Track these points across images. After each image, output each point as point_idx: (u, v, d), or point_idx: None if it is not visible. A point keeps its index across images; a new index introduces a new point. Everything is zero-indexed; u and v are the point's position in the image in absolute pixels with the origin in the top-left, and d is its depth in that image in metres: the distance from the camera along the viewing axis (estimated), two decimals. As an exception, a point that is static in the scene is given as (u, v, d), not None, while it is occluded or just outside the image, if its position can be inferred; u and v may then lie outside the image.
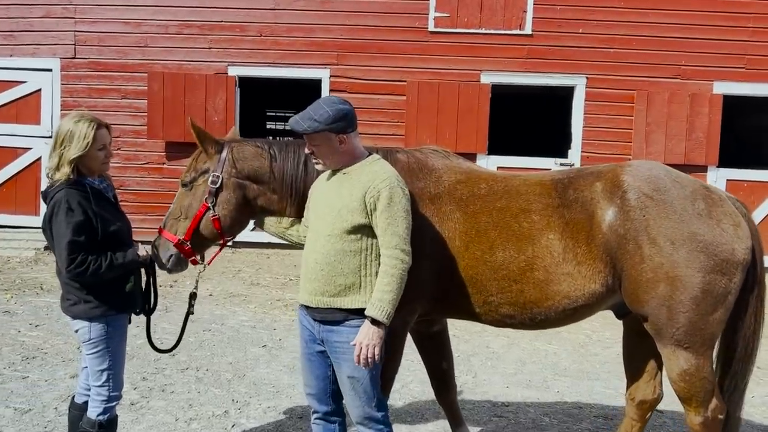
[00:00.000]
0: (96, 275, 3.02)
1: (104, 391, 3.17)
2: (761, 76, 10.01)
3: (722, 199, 2.99)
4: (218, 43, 9.97)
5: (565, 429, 4.43)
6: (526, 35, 9.96)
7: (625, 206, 2.91)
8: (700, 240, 2.82)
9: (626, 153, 10.01)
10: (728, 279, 2.84)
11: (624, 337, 3.50)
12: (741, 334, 3.04)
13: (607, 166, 3.15)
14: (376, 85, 9.94)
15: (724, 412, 3.02)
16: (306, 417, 4.35)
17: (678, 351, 2.90)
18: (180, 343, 3.74)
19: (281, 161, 3.23)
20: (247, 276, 8.63)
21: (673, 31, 9.95)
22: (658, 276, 2.84)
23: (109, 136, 3.19)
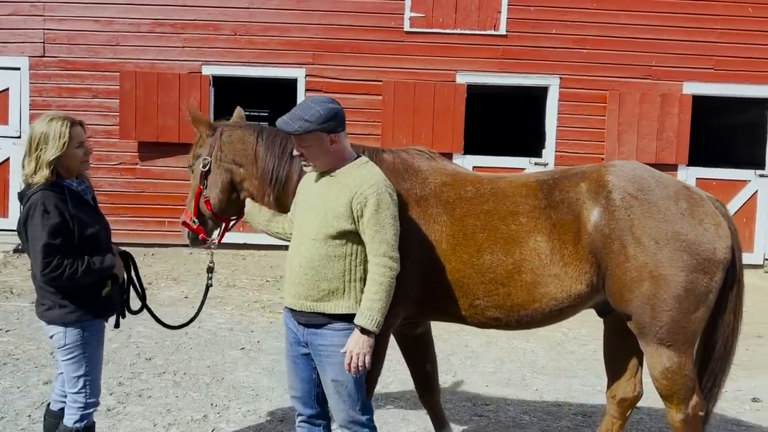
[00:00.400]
0: (72, 279, 2.95)
1: (81, 397, 3.10)
2: (729, 76, 10.23)
3: (703, 199, 3.04)
4: (192, 42, 9.85)
5: (545, 427, 4.47)
6: (500, 36, 10.03)
7: (610, 206, 2.94)
8: (683, 239, 2.86)
9: (599, 152, 10.16)
10: (710, 278, 2.89)
11: (605, 336, 3.53)
12: (720, 333, 3.09)
13: (591, 167, 3.17)
14: (352, 85, 9.92)
15: (704, 409, 3.07)
16: (287, 420, 4.33)
17: (661, 349, 2.94)
18: (197, 317, 3.86)
19: (265, 147, 3.27)
20: (223, 277, 8.53)
21: (643, 32, 10.12)
22: (642, 275, 2.87)
23: (84, 134, 3.12)
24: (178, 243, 9.29)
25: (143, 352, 5.51)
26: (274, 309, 7.19)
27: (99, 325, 3.17)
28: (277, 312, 7.09)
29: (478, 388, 5.16)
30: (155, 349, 5.63)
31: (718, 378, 3.17)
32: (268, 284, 8.35)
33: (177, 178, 9.94)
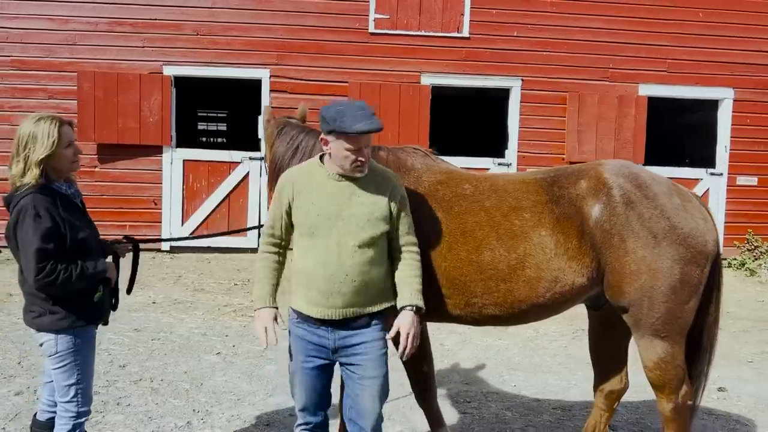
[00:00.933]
0: (66, 285, 2.86)
1: (72, 407, 3.02)
2: (682, 79, 10.62)
3: (690, 195, 3.17)
4: (152, 42, 9.63)
5: (528, 422, 4.55)
6: (463, 38, 10.16)
7: (611, 202, 3.01)
8: (679, 233, 2.97)
9: (560, 152, 10.39)
10: (701, 269, 3.01)
11: (591, 331, 3.62)
12: (705, 322, 3.22)
13: (587, 165, 3.24)
14: (317, 86, 9.88)
15: (693, 398, 3.19)
16: (273, 424, 4.30)
17: (655, 340, 3.04)
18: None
19: (279, 140, 3.46)
20: (190, 282, 8.38)
21: (601, 35, 10.40)
22: (641, 268, 2.96)
23: (73, 134, 3.03)
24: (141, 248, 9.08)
25: (116, 360, 5.37)
26: (246, 313, 7.10)
27: (91, 332, 3.10)
28: (249, 316, 7.01)
29: (457, 386, 5.22)
30: (128, 356, 5.50)
31: (703, 369, 3.30)
32: (237, 287, 8.24)
33: (138, 180, 9.74)
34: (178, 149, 9.89)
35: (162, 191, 9.78)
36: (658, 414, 3.28)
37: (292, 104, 9.82)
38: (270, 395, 4.80)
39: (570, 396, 5.09)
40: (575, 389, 5.26)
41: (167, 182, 9.78)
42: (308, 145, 3.39)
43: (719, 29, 10.54)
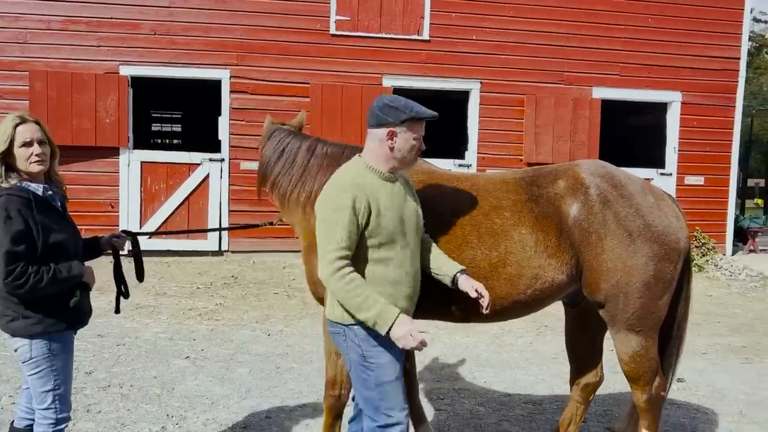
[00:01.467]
0: (36, 289, 2.78)
1: (51, 413, 2.94)
2: (633, 82, 11.00)
3: (663, 194, 3.30)
4: (108, 41, 9.40)
5: (502, 417, 4.65)
6: (424, 41, 10.28)
7: (588, 201, 3.11)
8: (653, 231, 3.09)
9: (518, 154, 10.63)
10: (674, 266, 3.14)
11: (567, 327, 3.73)
12: (675, 317, 3.36)
13: (564, 165, 3.34)
14: (279, 87, 9.83)
15: (665, 389, 3.33)
16: (250, 427, 4.27)
17: (630, 335, 3.16)
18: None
19: (266, 145, 3.58)
20: (151, 286, 8.20)
21: (556, 39, 10.68)
22: (617, 265, 3.07)
23: (35, 132, 2.93)
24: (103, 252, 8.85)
25: (81, 366, 5.23)
26: (211, 316, 7.02)
27: (68, 337, 3.01)
28: (215, 319, 6.93)
29: (430, 384, 5.28)
30: (94, 363, 5.36)
31: (672, 360, 3.44)
32: (200, 291, 8.12)
33: (94, 183, 9.49)
34: (135, 151, 9.68)
35: (119, 194, 9.55)
36: (626, 405, 3.41)
37: (252, 105, 9.77)
38: (244, 398, 4.76)
39: (539, 390, 5.22)
40: (543, 384, 5.39)
41: (124, 185, 9.56)
42: (294, 146, 3.44)
43: (668, 35, 10.97)
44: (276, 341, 6.23)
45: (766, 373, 5.97)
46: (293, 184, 3.44)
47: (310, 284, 3.36)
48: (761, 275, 10.53)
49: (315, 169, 3.43)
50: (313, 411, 4.54)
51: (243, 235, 9.69)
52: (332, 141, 3.61)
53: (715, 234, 11.30)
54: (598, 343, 3.66)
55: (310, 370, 5.41)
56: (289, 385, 5.05)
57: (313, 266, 3.26)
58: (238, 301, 7.74)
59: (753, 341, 7.10)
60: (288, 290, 8.34)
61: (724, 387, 5.47)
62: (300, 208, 3.42)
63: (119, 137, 9.40)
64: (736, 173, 11.65)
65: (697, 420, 4.71)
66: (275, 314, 7.25)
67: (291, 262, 9.55)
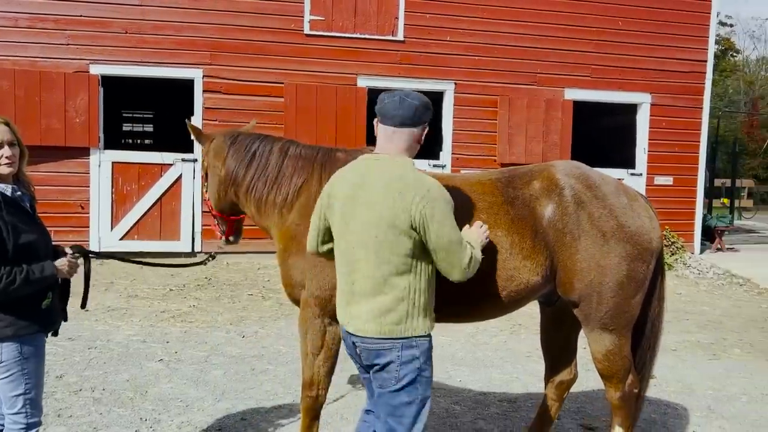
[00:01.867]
0: (8, 290, 2.72)
1: (21, 418, 2.88)
2: (604, 84, 11.17)
3: (636, 194, 3.35)
4: (78, 40, 9.25)
5: (477, 415, 4.68)
6: (398, 41, 10.30)
7: (563, 202, 3.14)
8: (626, 231, 3.14)
9: (492, 155, 10.72)
10: (646, 266, 3.19)
11: (542, 325, 3.77)
12: (648, 316, 3.42)
13: (540, 166, 3.37)
14: (252, 87, 9.77)
15: (638, 387, 3.39)
16: (225, 429, 4.24)
17: (604, 333, 3.20)
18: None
19: (233, 152, 3.53)
20: (122, 288, 8.10)
21: (528, 41, 10.80)
22: (590, 265, 3.10)
23: (5, 134, 2.87)
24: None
25: (52, 370, 5.12)
26: (185, 318, 6.94)
27: (39, 340, 2.96)
28: (188, 321, 6.86)
29: (406, 384, 5.29)
30: (64, 366, 5.27)
31: (648, 360, 3.49)
32: (173, 293, 8.03)
33: (64, 184, 9.33)
34: (106, 151, 9.54)
35: (90, 195, 9.40)
36: (597, 402, 3.46)
37: (225, 105, 9.70)
38: (219, 400, 4.72)
39: (514, 388, 5.27)
40: (518, 382, 5.45)
41: (95, 185, 9.41)
42: (264, 149, 3.47)
43: (638, 37, 11.17)
44: (251, 343, 6.19)
45: (733, 368, 6.11)
46: (269, 187, 3.42)
47: (286, 286, 3.34)
48: (728, 273, 10.78)
49: (290, 171, 3.41)
50: (289, 412, 4.53)
51: (216, 236, 9.58)
52: (302, 143, 3.61)
53: (683, 233, 11.53)
54: (572, 342, 3.71)
55: (286, 371, 5.39)
56: (264, 387, 5.02)
57: (290, 268, 3.25)
58: (211, 302, 7.68)
59: (720, 337, 7.27)
60: (263, 291, 8.29)
61: (693, 382, 5.58)
62: (276, 211, 3.40)
63: (90, 137, 9.25)
64: (703, 173, 11.90)
65: (668, 415, 4.80)
66: (250, 316, 7.20)
67: (266, 263, 9.49)
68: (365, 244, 2.50)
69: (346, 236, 2.58)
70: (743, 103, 39.04)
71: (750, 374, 5.95)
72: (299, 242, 3.18)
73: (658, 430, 4.54)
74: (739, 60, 43.49)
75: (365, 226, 2.50)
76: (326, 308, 3.12)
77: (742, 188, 22.77)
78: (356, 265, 2.53)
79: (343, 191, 2.60)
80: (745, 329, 7.72)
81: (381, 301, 2.48)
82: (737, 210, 17.68)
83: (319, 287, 3.12)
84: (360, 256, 2.52)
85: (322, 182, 3.25)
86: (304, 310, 3.20)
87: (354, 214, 2.54)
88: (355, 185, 2.57)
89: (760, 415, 4.88)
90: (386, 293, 2.48)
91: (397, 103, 2.58)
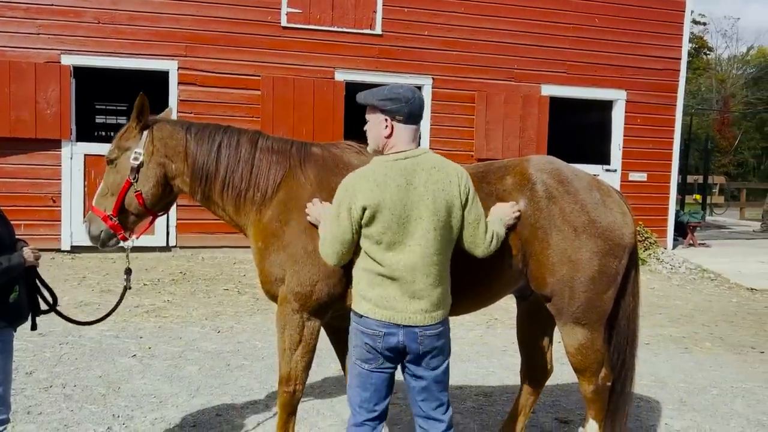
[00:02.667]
0: None
1: (-12, 416, 2.82)
2: (580, 80, 11.26)
3: (610, 190, 3.37)
4: (48, 29, 9.05)
5: (453, 409, 4.64)
6: (376, 35, 10.26)
7: (535, 197, 3.15)
8: (597, 227, 3.15)
9: (469, 150, 10.74)
10: (618, 261, 3.21)
11: (518, 320, 3.78)
12: (622, 312, 3.43)
13: (512, 161, 3.38)
14: (228, 79, 9.66)
15: (611, 380, 3.41)
16: (200, 425, 4.19)
17: (576, 327, 3.22)
18: (108, 317, 3.80)
19: (195, 143, 3.30)
20: (95, 282, 7.96)
21: (506, 36, 10.84)
22: (562, 260, 3.12)
23: None
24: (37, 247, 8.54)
25: (21, 366, 5.03)
26: (159, 313, 6.85)
27: (7, 336, 2.90)
28: (162, 316, 6.77)
29: (382, 378, 5.28)
30: (35, 362, 5.17)
31: (627, 356, 3.50)
32: (146, 288, 7.92)
33: (34, 176, 9.14)
34: (78, 143, 9.36)
35: (61, 188, 9.22)
36: (572, 396, 3.48)
37: (201, 97, 9.58)
38: (193, 396, 4.67)
39: (490, 383, 5.29)
40: (493, 376, 5.48)
41: (67, 178, 9.23)
42: (231, 140, 3.28)
43: (613, 34, 11.27)
44: (226, 338, 6.13)
45: (704, 361, 6.22)
46: (245, 183, 3.24)
47: (265, 284, 3.24)
48: (699, 268, 10.96)
49: (265, 166, 3.24)
50: (264, 408, 4.50)
51: (191, 230, 9.49)
52: (268, 134, 3.43)
53: (656, 229, 11.70)
54: (548, 336, 3.72)
55: (262, 366, 5.35)
56: (239, 382, 4.97)
57: (271, 265, 3.13)
58: (186, 297, 7.59)
59: (691, 331, 7.39)
60: (239, 286, 8.22)
61: (665, 376, 5.67)
62: (255, 209, 3.23)
63: (61, 129, 9.07)
64: (676, 170, 12.07)
65: (641, 408, 4.86)
66: (225, 311, 7.13)
67: (241, 257, 9.41)
68: (427, 241, 2.61)
69: (404, 240, 2.61)
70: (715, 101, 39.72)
71: (720, 367, 6.05)
72: (279, 238, 3.11)
73: (632, 422, 4.59)
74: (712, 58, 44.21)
75: (424, 222, 2.60)
76: (306, 304, 3.08)
77: (714, 185, 23.15)
78: (416, 265, 2.61)
79: (390, 197, 2.58)
80: (716, 323, 7.86)
81: (441, 290, 2.69)
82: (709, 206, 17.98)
83: (300, 283, 3.07)
84: (419, 253, 2.61)
85: (300, 177, 3.19)
86: (282, 305, 3.15)
87: (411, 216, 2.59)
88: (402, 188, 2.59)
89: (730, 407, 4.97)
90: (443, 283, 2.71)
91: (421, 101, 2.73)
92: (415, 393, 2.79)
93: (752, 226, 16.52)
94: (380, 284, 2.64)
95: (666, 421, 4.65)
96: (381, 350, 2.66)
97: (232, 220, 3.39)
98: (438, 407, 2.79)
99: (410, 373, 2.75)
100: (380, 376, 2.72)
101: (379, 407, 2.76)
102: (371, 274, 2.65)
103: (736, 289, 9.93)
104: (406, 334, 2.64)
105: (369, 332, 2.66)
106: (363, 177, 2.64)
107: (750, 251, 12.74)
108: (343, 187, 2.68)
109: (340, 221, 2.64)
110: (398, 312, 2.64)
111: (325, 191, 3.11)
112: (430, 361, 2.72)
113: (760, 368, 6.10)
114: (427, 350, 2.68)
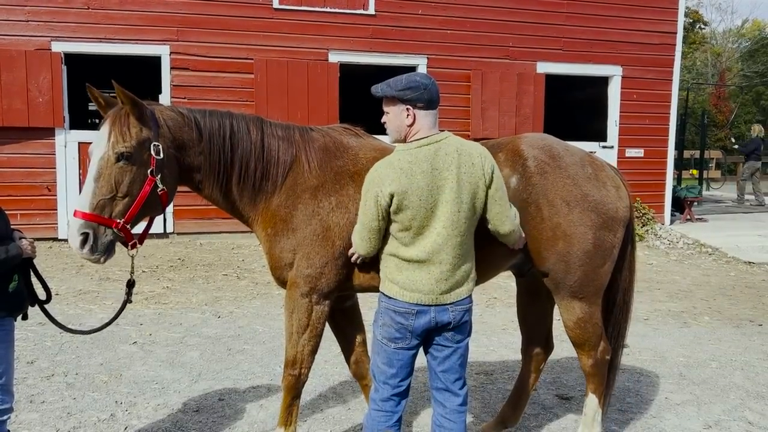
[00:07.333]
0: None
1: (-9, 406, 2.82)
2: (575, 57, 11.19)
3: (603, 165, 3.36)
4: (38, 16, 8.94)
5: (455, 388, 4.71)
6: (370, 15, 10.16)
7: (527, 173, 3.15)
8: (590, 200, 3.15)
9: (465, 129, 10.69)
10: (613, 234, 3.21)
11: (518, 298, 3.79)
12: (619, 285, 3.45)
13: (506, 139, 3.38)
14: (221, 63, 9.58)
15: (610, 353, 3.43)
16: (203, 410, 4.20)
17: (574, 302, 3.23)
18: (105, 328, 3.49)
19: (211, 137, 3.05)
20: (93, 271, 7.95)
21: (501, 14, 10.74)
22: (556, 234, 3.13)
23: None
24: (34, 237, 8.52)
25: (22, 356, 5.03)
26: (159, 300, 6.86)
27: (8, 325, 2.90)
28: (162, 303, 6.77)
29: (383, 359, 5.30)
30: (36, 351, 5.17)
31: (621, 328, 3.54)
32: (146, 275, 7.91)
33: (29, 165, 9.09)
34: (72, 131, 9.30)
35: (56, 176, 9.18)
36: (573, 373, 3.50)
37: (194, 82, 9.50)
38: (195, 381, 4.68)
39: (490, 361, 5.32)
40: (493, 354, 5.50)
41: (61, 167, 9.18)
42: (241, 128, 3.11)
43: (608, 10, 11.18)
44: (227, 323, 6.14)
45: (702, 335, 6.26)
46: (261, 172, 3.09)
47: (275, 269, 3.16)
48: (697, 243, 10.99)
49: (276, 153, 3.12)
50: (267, 391, 4.51)
51: (188, 216, 9.47)
52: (270, 120, 3.28)
53: (654, 204, 11.70)
54: (548, 313, 3.74)
55: (263, 350, 5.36)
56: (241, 367, 4.99)
57: (282, 251, 3.08)
58: (185, 283, 7.59)
59: (690, 306, 7.42)
60: (238, 271, 8.22)
61: (664, 350, 5.70)
62: (266, 198, 3.12)
63: (54, 117, 9.00)
64: (673, 145, 12.05)
65: (641, 383, 4.90)
66: (225, 296, 7.14)
67: (240, 243, 9.41)
68: (452, 223, 2.65)
69: (431, 223, 2.65)
70: (711, 75, 39.56)
71: (719, 341, 6.09)
72: (288, 223, 3.07)
73: (632, 397, 4.63)
74: (707, 32, 43.94)
75: (450, 205, 2.64)
76: (315, 287, 3.07)
77: (710, 160, 23.13)
78: (442, 247, 2.67)
79: (417, 184, 2.61)
80: (714, 297, 7.89)
81: (467, 267, 2.79)
82: (705, 181, 17.98)
83: (310, 265, 3.05)
84: (445, 236, 2.66)
85: (305, 163, 3.13)
86: (291, 289, 3.13)
87: (438, 200, 2.64)
88: (427, 173, 2.62)
89: (729, 380, 5.01)
90: (469, 260, 2.80)
91: (436, 85, 2.74)
92: (437, 364, 2.83)
93: (749, 200, 16.54)
94: (408, 268, 2.71)
95: (666, 395, 4.68)
96: (412, 329, 2.72)
97: (240, 213, 3.23)
98: (457, 380, 2.85)
99: (436, 343, 2.80)
100: (407, 354, 2.78)
101: (404, 383, 2.83)
102: (399, 258, 2.72)
103: (734, 263, 9.97)
104: (437, 311, 2.72)
105: (401, 310, 2.72)
106: (389, 165, 2.67)
107: (747, 225, 12.76)
108: (370, 177, 2.72)
109: (367, 210, 2.70)
110: (426, 294, 2.69)
111: (329, 175, 3.12)
112: (455, 335, 2.79)
113: (758, 341, 6.14)
114: (457, 324, 2.76)
